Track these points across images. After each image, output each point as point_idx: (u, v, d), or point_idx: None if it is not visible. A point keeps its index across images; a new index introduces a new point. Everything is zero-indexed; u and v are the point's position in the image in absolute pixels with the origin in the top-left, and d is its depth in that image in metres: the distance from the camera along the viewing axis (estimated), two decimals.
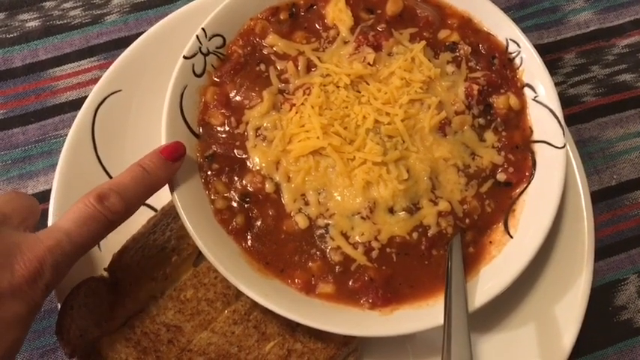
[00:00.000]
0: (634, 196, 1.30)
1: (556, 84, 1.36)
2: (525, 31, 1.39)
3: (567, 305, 1.12)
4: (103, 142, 1.20)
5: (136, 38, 1.26)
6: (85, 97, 1.22)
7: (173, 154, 1.04)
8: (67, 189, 1.15)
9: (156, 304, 1.10)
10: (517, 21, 1.39)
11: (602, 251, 1.25)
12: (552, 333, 1.10)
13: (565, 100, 1.36)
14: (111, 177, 1.19)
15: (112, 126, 1.21)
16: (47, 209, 1.14)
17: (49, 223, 1.12)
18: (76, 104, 1.23)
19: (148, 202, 1.16)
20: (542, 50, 1.39)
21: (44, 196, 1.18)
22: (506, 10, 1.41)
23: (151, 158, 1.02)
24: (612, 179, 1.31)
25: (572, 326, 1.10)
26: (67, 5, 1.41)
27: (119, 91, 1.22)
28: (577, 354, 1.15)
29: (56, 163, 1.16)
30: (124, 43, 1.30)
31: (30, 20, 1.40)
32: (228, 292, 1.10)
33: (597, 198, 1.28)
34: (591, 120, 1.36)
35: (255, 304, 1.08)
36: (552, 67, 1.40)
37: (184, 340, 1.08)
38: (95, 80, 1.24)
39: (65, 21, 1.40)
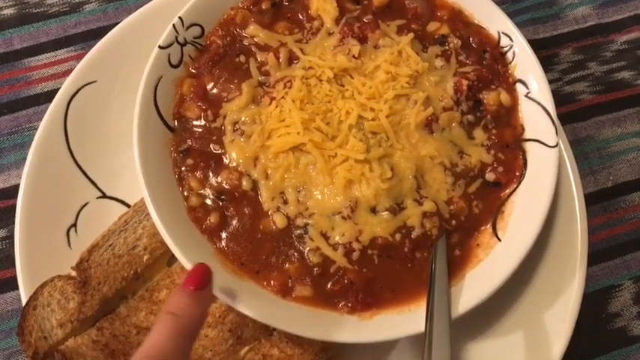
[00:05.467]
0: (631, 199, 1.25)
1: (552, 81, 1.32)
2: (520, 25, 1.34)
3: (558, 312, 1.07)
4: (75, 136, 1.15)
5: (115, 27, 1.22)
6: None
7: (199, 281, 0.85)
8: (37, 184, 1.11)
9: (126, 305, 1.05)
10: (512, 15, 1.35)
11: (597, 256, 1.19)
12: (542, 341, 1.05)
13: (561, 98, 1.31)
14: (83, 172, 1.14)
15: (85, 118, 1.16)
16: (15, 204, 1.09)
17: (17, 220, 1.08)
18: (51, 96, 1.18)
19: (120, 197, 1.14)
20: (538, 45, 1.34)
21: (15, 191, 1.13)
22: (500, 3, 1.36)
23: (178, 298, 0.83)
24: (608, 180, 1.26)
25: (562, 334, 1.05)
26: None
27: (94, 82, 1.18)
28: None
29: None
30: (102, 32, 1.24)
31: (5, 8, 1.35)
32: None
33: (592, 200, 1.23)
34: (588, 118, 1.31)
35: (230, 307, 1.03)
36: (548, 63, 1.34)
37: None
38: (72, 71, 1.19)
39: (42, 9, 1.35)
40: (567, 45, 1.37)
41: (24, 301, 1.03)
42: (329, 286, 1.00)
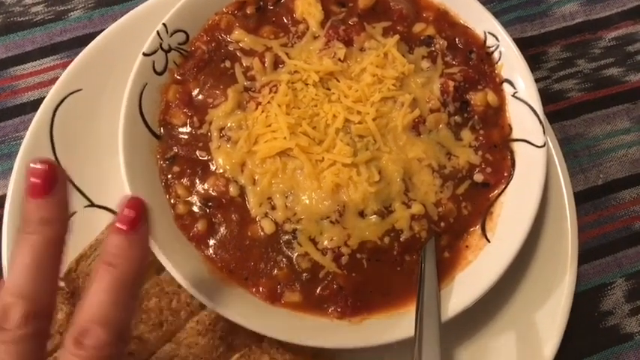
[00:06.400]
0: (621, 196, 1.24)
1: (540, 79, 1.32)
2: (508, 24, 1.34)
3: (549, 312, 1.06)
4: (62, 145, 1.14)
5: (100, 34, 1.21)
6: None
7: (133, 221, 0.72)
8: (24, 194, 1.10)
9: None
10: (499, 14, 1.35)
11: (588, 254, 1.19)
12: (533, 342, 1.05)
13: (549, 96, 1.31)
14: (71, 180, 1.13)
15: (71, 127, 1.15)
16: (2, 214, 1.09)
17: (4, 231, 1.07)
18: (38, 105, 1.17)
19: (108, 205, 1.13)
20: (526, 44, 1.33)
21: (2, 201, 1.12)
22: (487, 2, 1.36)
23: (111, 244, 0.73)
24: (599, 178, 1.25)
25: (554, 334, 1.05)
26: (28, 1, 1.35)
27: (79, 90, 1.17)
28: None
29: None
30: (88, 40, 1.23)
31: None
32: (193, 301, 1.04)
33: (583, 198, 1.22)
34: (577, 116, 1.30)
35: (220, 315, 1.02)
36: (536, 61, 1.34)
37: (146, 353, 1.02)
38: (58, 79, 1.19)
39: (27, 17, 1.34)
40: (555, 42, 1.36)
41: None
42: (318, 291, 1.00)
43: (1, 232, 1.08)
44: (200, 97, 1.09)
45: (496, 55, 1.12)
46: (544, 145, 1.04)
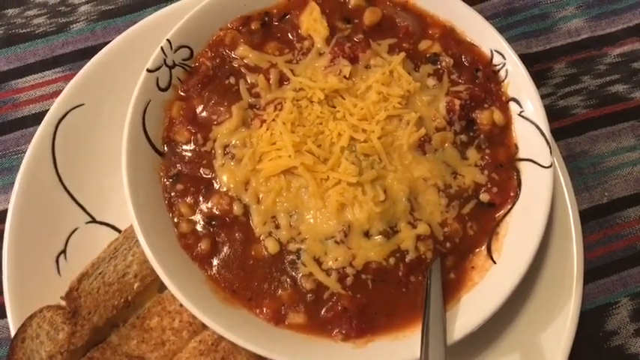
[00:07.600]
0: (626, 214, 1.23)
1: (545, 95, 1.31)
2: (513, 39, 1.34)
3: (555, 332, 1.06)
4: (63, 160, 1.13)
5: (103, 48, 1.20)
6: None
7: None
8: (25, 210, 1.09)
9: (118, 334, 1.04)
10: (504, 29, 1.34)
11: (593, 273, 1.18)
12: None
13: (554, 113, 1.30)
14: (72, 196, 1.13)
15: (73, 142, 1.15)
16: (3, 230, 1.07)
17: (5, 246, 1.06)
18: (40, 118, 1.17)
19: (109, 221, 1.12)
20: (531, 60, 1.33)
21: (3, 217, 1.11)
22: (492, 17, 1.36)
23: None
24: (603, 196, 1.25)
25: (559, 355, 1.04)
26: (30, 13, 1.35)
27: (81, 105, 1.16)
28: None
29: None
30: (90, 52, 1.23)
31: None
32: (195, 320, 1.04)
33: (587, 216, 1.22)
34: (582, 133, 1.29)
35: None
36: (541, 77, 1.33)
37: None
38: (60, 92, 1.17)
39: (29, 29, 1.33)
40: (561, 59, 1.36)
41: (12, 330, 1.02)
42: (323, 312, 0.99)
43: (2, 247, 1.07)
44: (204, 113, 1.08)
45: (502, 73, 1.12)
46: (551, 166, 1.03)
